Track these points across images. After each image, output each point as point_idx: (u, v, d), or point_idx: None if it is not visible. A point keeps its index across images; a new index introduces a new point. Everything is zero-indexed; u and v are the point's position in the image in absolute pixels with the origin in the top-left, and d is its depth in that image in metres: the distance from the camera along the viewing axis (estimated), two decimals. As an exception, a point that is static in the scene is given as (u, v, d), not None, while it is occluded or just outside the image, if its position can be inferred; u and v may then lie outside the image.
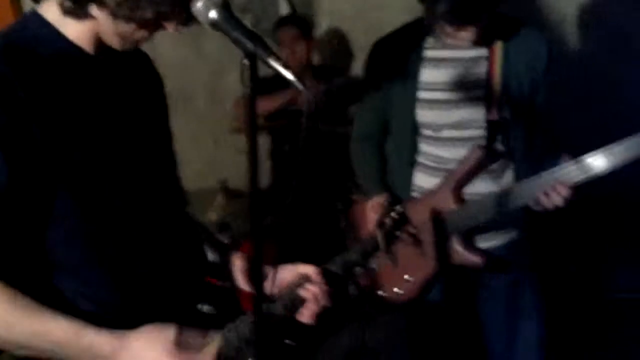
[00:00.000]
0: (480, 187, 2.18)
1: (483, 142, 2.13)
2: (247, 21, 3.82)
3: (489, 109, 2.10)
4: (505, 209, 2.08)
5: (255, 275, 1.29)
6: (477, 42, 2.04)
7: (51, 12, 1.29)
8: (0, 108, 1.17)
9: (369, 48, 2.31)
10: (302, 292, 1.54)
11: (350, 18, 4.05)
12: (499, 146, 2.16)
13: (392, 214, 1.83)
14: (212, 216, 3.19)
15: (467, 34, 1.97)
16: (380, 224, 1.82)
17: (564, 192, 1.96)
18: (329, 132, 3.18)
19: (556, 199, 1.97)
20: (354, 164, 2.41)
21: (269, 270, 1.53)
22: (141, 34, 1.30)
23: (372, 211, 2.21)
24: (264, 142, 3.40)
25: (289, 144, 3.37)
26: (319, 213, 3.14)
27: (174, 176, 1.62)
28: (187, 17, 1.25)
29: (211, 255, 1.65)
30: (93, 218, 1.33)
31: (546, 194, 1.99)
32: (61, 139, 1.25)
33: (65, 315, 1.25)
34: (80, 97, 1.31)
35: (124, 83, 1.43)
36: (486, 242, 2.24)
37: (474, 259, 2.17)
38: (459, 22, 1.93)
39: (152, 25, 1.28)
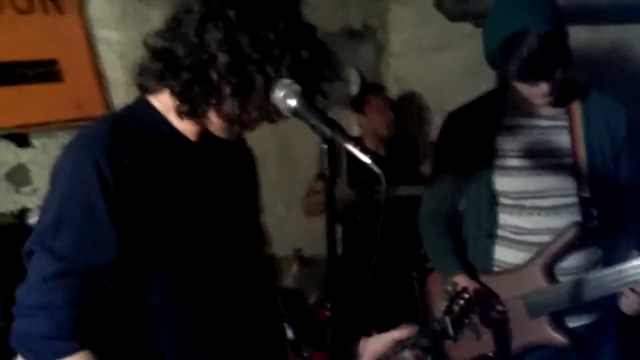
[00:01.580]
0: (568, 262, 2.11)
1: (571, 214, 2.08)
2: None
3: (578, 182, 2.06)
4: (593, 295, 2.02)
5: (335, 342, 1.32)
6: (553, 103, 2.03)
7: (161, 102, 1.39)
8: (111, 177, 1.25)
9: (434, 112, 2.32)
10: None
11: (415, 83, 4.12)
12: (592, 221, 2.09)
13: (460, 302, 1.83)
14: (286, 283, 3.22)
15: (542, 93, 1.96)
16: (448, 311, 1.82)
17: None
18: (402, 197, 3.20)
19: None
20: (425, 242, 2.36)
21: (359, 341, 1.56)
22: (248, 129, 1.40)
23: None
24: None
25: (361, 215, 3.40)
26: (394, 280, 3.14)
27: (262, 253, 1.67)
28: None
29: (289, 333, 1.68)
30: (180, 293, 1.39)
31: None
32: (157, 213, 1.33)
33: None
34: (179, 177, 1.39)
35: (221, 167, 1.51)
36: (572, 322, 2.17)
37: (562, 339, 2.10)
38: (532, 77, 1.93)
39: (258, 122, 1.37)
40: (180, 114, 1.34)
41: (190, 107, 1.32)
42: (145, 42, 1.36)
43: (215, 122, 1.37)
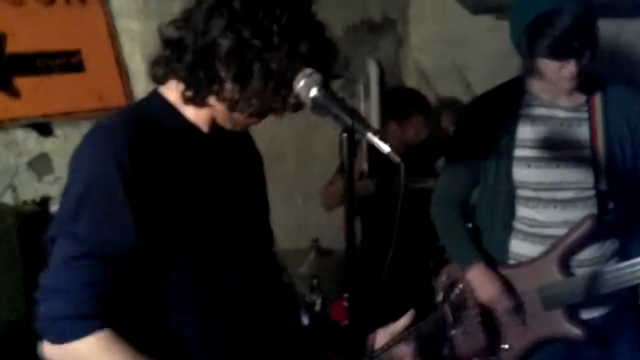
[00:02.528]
0: (584, 254, 2.12)
1: (588, 207, 2.08)
2: (337, 84, 3.91)
3: (596, 175, 2.06)
4: (609, 288, 2.03)
5: (354, 335, 1.33)
6: (577, 88, 2.04)
7: (172, 94, 1.41)
8: (130, 165, 1.28)
9: (453, 105, 2.31)
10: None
11: (435, 77, 4.11)
12: (608, 215, 2.10)
13: (457, 290, 1.85)
14: (303, 274, 3.23)
15: (569, 73, 1.96)
16: (446, 300, 1.83)
17: None
18: (421, 189, 3.20)
19: None
20: (439, 229, 2.37)
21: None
22: (252, 120, 1.41)
23: (476, 282, 2.16)
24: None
25: (378, 204, 3.41)
26: (410, 271, 3.14)
27: (269, 246, 1.68)
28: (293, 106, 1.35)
29: (305, 319, 1.69)
30: (196, 280, 1.41)
31: None
32: (174, 203, 1.35)
33: None
34: (193, 168, 1.42)
35: (232, 160, 1.53)
36: (587, 314, 2.17)
37: (576, 331, 2.10)
38: (563, 55, 1.93)
39: (263, 114, 1.39)
40: (186, 100, 1.37)
41: (194, 92, 1.35)
42: (159, 31, 1.39)
43: (218, 110, 1.39)
